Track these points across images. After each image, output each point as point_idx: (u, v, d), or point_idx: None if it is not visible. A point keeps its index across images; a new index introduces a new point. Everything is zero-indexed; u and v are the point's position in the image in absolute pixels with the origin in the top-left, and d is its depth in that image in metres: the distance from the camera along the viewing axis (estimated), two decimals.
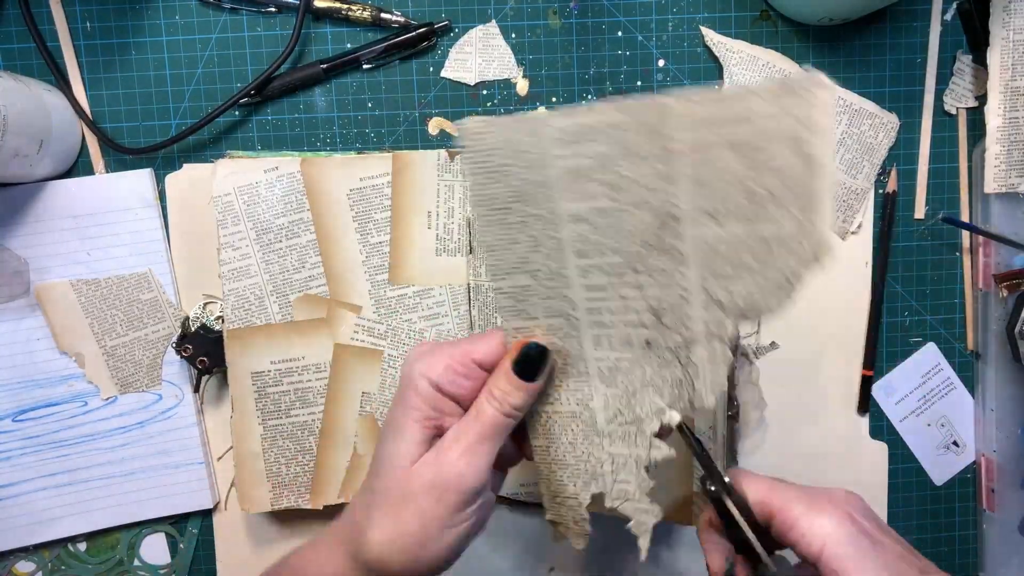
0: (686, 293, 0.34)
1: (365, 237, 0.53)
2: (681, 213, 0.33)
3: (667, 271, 0.34)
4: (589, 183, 0.34)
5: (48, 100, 0.51)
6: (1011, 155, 0.54)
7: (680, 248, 0.34)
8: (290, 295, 0.53)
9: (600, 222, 0.34)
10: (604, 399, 0.38)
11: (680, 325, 0.35)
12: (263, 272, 0.52)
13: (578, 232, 0.35)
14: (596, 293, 0.36)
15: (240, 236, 0.52)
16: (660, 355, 0.36)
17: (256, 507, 0.53)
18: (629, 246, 0.34)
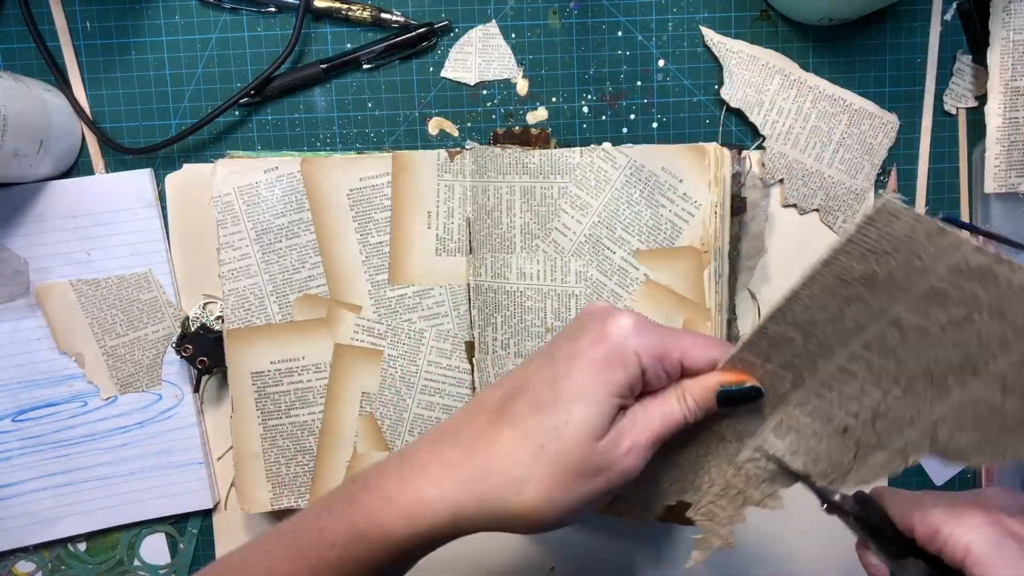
0: (916, 418, 0.34)
1: (365, 237, 0.53)
2: (984, 372, 0.32)
3: (922, 399, 0.33)
4: (938, 310, 0.32)
5: (48, 100, 0.51)
6: (1011, 155, 0.54)
7: (952, 392, 0.33)
8: (290, 295, 0.53)
9: (912, 338, 0.33)
10: (762, 442, 0.38)
11: (886, 434, 0.35)
12: (263, 272, 0.52)
13: (884, 334, 0.34)
14: (843, 376, 0.35)
15: (240, 236, 0.52)
16: (846, 443, 0.36)
17: (256, 507, 0.53)
18: (913, 368, 0.33)
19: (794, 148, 0.55)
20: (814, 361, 0.35)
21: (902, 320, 0.33)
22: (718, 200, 0.50)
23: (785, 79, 0.55)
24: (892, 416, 0.34)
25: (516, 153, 0.52)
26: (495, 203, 0.52)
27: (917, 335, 0.33)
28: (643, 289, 0.50)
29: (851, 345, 0.34)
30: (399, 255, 0.53)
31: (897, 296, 0.32)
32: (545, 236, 0.51)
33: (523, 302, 0.52)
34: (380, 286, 0.53)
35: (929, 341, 0.33)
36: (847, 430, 0.36)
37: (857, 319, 0.34)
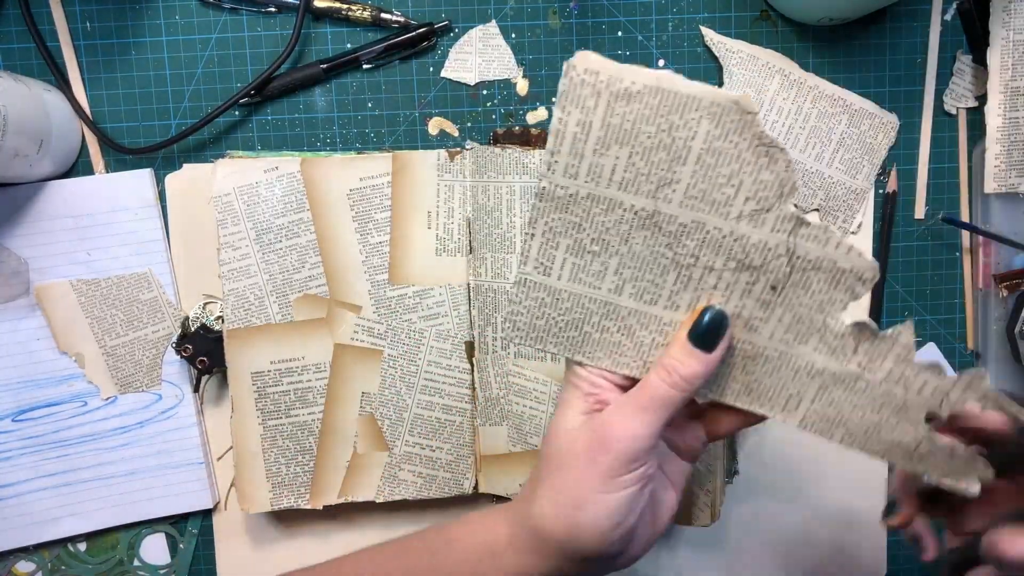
0: (732, 234, 0.34)
1: (365, 237, 0.53)
2: (647, 208, 0.35)
3: (702, 241, 0.35)
4: (589, 268, 0.36)
5: (48, 100, 0.51)
6: (1011, 155, 0.54)
7: (683, 222, 0.34)
8: (290, 295, 0.53)
9: (629, 273, 0.36)
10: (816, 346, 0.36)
11: (767, 254, 0.35)
12: (263, 272, 0.52)
13: (630, 293, 0.36)
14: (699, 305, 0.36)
15: (240, 236, 0.52)
16: (791, 284, 0.35)
17: (256, 507, 0.53)
18: (662, 260, 0.35)
19: (794, 148, 0.55)
20: None
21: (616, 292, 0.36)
22: None
23: (785, 79, 0.55)
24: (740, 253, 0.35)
25: (516, 153, 0.52)
26: (495, 203, 0.52)
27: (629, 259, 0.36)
28: None
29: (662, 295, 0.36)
30: (399, 255, 0.53)
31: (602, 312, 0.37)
32: None
33: None
34: (380, 286, 0.53)
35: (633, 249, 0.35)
36: (775, 288, 0.35)
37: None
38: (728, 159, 0.33)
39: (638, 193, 0.34)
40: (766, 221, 0.34)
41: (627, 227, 0.35)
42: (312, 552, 0.57)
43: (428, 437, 0.54)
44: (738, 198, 0.34)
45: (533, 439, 0.53)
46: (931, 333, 0.58)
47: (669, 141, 0.33)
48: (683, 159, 0.33)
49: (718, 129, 0.33)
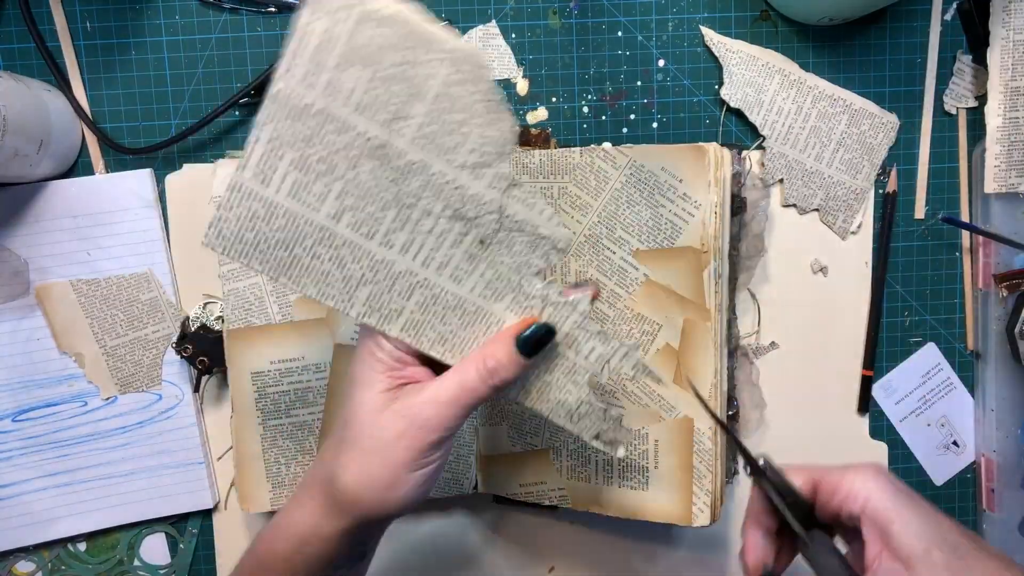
0: (455, 182, 0.36)
1: None
2: (380, 138, 0.35)
3: (427, 183, 0.36)
4: (311, 187, 0.36)
5: (48, 100, 0.51)
6: (1011, 155, 0.54)
7: (412, 158, 0.36)
8: (290, 295, 0.53)
9: (350, 202, 0.36)
10: (510, 305, 0.39)
11: (481, 207, 0.37)
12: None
13: (348, 223, 0.36)
14: (413, 249, 0.37)
15: None
16: (499, 240, 0.37)
17: (256, 507, 0.53)
18: (386, 195, 0.36)
19: (794, 148, 0.55)
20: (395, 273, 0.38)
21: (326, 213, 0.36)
22: (718, 200, 0.50)
23: (785, 79, 0.55)
24: (454, 202, 0.36)
25: (516, 153, 0.52)
26: None
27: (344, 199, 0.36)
28: (643, 289, 0.50)
29: (366, 248, 0.37)
30: None
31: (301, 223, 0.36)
32: None
33: None
34: None
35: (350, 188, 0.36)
36: (483, 241, 0.37)
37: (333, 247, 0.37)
38: (460, 107, 0.35)
39: (373, 120, 0.35)
40: (484, 175, 0.36)
41: (356, 153, 0.35)
42: None
43: None
44: (464, 147, 0.36)
45: (533, 439, 0.53)
46: (931, 333, 0.58)
47: (410, 74, 0.35)
48: (420, 96, 0.35)
49: (456, 75, 0.35)
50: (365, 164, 0.36)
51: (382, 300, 0.38)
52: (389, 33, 0.34)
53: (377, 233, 0.37)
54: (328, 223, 0.36)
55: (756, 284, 0.56)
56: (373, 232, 0.37)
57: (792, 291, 0.57)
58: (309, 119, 0.35)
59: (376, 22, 0.34)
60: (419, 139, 0.35)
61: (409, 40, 0.34)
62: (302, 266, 0.37)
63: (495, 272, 0.38)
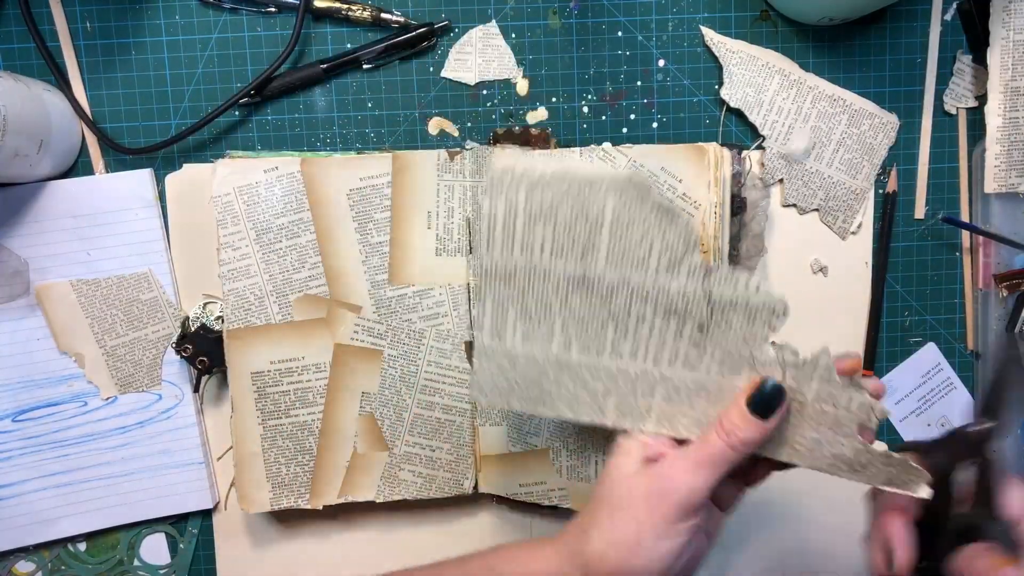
0: (654, 286, 0.40)
1: (365, 237, 0.53)
2: (578, 272, 0.41)
3: (630, 294, 0.40)
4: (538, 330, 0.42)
5: (48, 100, 0.51)
6: (1011, 155, 0.54)
7: (611, 279, 0.40)
8: (290, 295, 0.53)
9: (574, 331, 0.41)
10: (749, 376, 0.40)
11: (687, 300, 0.40)
12: (263, 272, 0.52)
13: (577, 349, 0.42)
14: (640, 353, 0.41)
15: (240, 236, 0.52)
16: (715, 324, 0.40)
17: (256, 507, 0.53)
18: (600, 314, 0.41)
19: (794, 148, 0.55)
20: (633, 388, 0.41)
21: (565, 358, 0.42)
22: (718, 200, 0.50)
23: (785, 79, 0.55)
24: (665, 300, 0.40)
25: (516, 153, 0.52)
26: None
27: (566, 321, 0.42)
28: None
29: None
30: (399, 255, 0.53)
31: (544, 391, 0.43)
32: None
33: None
34: (380, 286, 0.53)
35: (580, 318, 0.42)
36: (701, 326, 0.40)
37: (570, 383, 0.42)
38: (637, 224, 0.39)
39: (568, 260, 0.40)
40: (680, 271, 0.39)
41: (564, 290, 0.41)
42: (312, 552, 0.57)
43: (428, 437, 0.54)
44: (652, 255, 0.39)
45: (532, 439, 0.53)
46: (931, 333, 0.58)
47: (585, 213, 0.40)
48: (600, 227, 0.40)
49: (622, 201, 0.39)
50: (574, 297, 0.41)
51: (629, 403, 0.41)
52: (555, 190, 0.40)
53: (605, 349, 0.41)
54: (562, 354, 0.41)
55: None
56: (602, 349, 0.41)
57: (792, 291, 0.56)
58: (517, 278, 0.41)
59: (542, 186, 0.40)
60: (611, 262, 0.40)
61: (572, 189, 0.40)
62: (552, 395, 0.42)
63: (724, 351, 0.40)
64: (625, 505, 0.37)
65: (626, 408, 0.41)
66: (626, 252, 0.40)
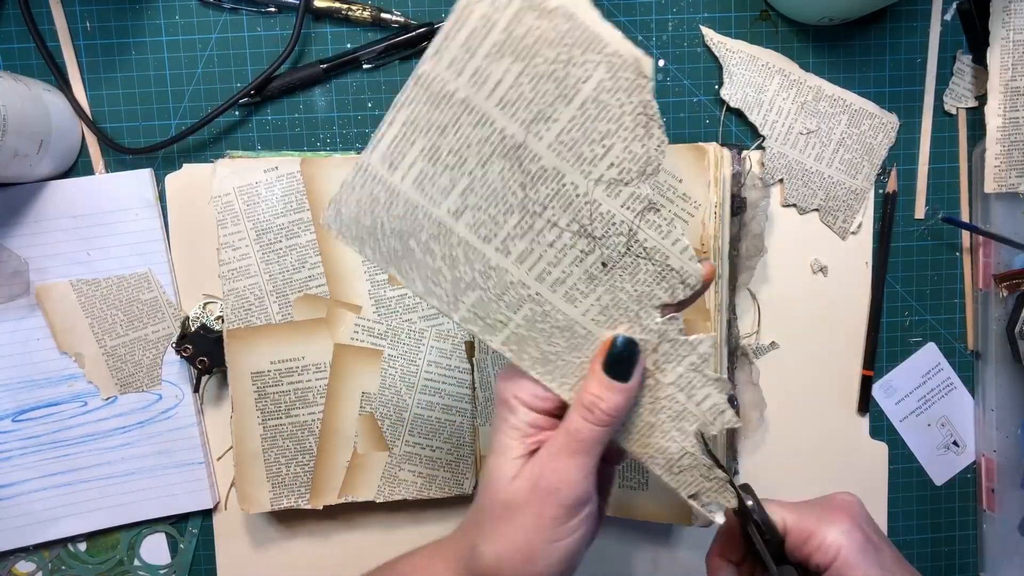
0: (587, 197, 0.34)
1: None
2: (517, 137, 0.33)
3: (557, 192, 0.34)
4: (437, 178, 0.34)
5: (48, 100, 0.51)
6: (1011, 155, 0.54)
7: (546, 164, 0.34)
8: (290, 295, 0.53)
9: (474, 200, 0.34)
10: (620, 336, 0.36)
11: (610, 227, 0.34)
12: (263, 272, 0.52)
13: (467, 223, 0.35)
14: (530, 259, 0.35)
15: (240, 236, 0.52)
16: (622, 265, 0.35)
17: (256, 507, 0.53)
18: (512, 198, 0.34)
19: (794, 148, 0.55)
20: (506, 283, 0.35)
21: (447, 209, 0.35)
22: (718, 200, 0.50)
23: (785, 79, 0.55)
24: (583, 218, 0.34)
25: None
26: None
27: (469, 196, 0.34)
28: None
29: (482, 252, 0.35)
30: None
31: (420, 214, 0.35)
32: None
33: None
34: (380, 286, 0.53)
35: (478, 186, 0.34)
36: (605, 264, 0.35)
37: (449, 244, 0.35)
38: (609, 116, 0.33)
39: (514, 118, 0.33)
40: (620, 194, 0.34)
41: (490, 150, 0.34)
42: (312, 552, 0.57)
43: (428, 437, 0.54)
44: (604, 160, 0.33)
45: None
46: (931, 333, 0.58)
47: (562, 75, 0.32)
48: (568, 99, 0.33)
49: (611, 81, 0.32)
50: (496, 163, 0.34)
51: (489, 308, 0.36)
52: (549, 27, 0.32)
53: (495, 238, 0.35)
54: (447, 219, 0.35)
55: (756, 284, 0.56)
56: (491, 236, 0.35)
57: (792, 291, 0.57)
58: (448, 107, 0.33)
59: (538, 13, 0.32)
60: (558, 145, 0.33)
61: (569, 36, 0.32)
62: (414, 260, 0.35)
63: (613, 298, 0.35)
64: (511, 514, 0.35)
65: (483, 311, 0.36)
66: (578, 143, 0.33)
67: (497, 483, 0.35)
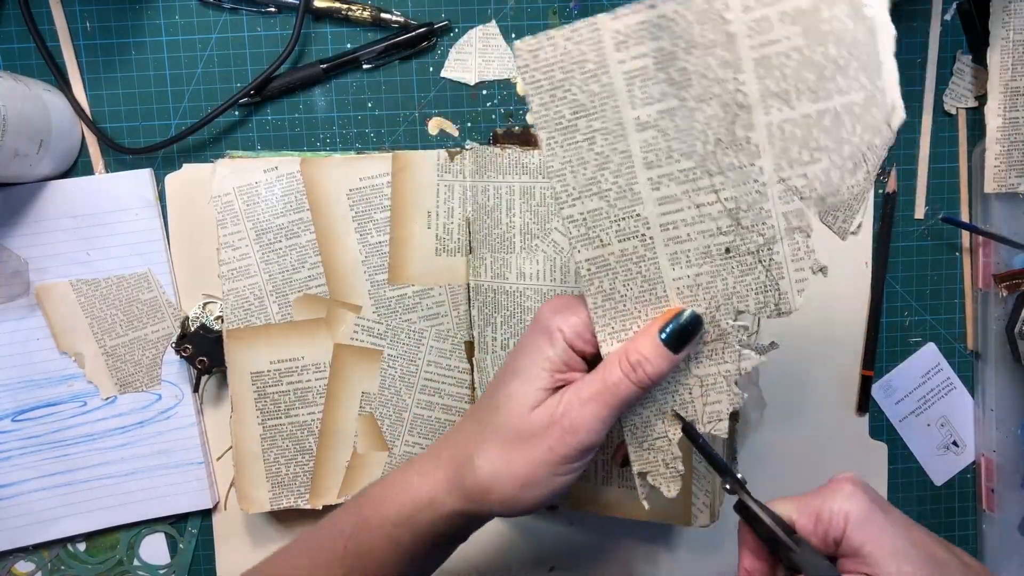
0: (762, 187, 0.33)
1: (365, 237, 0.53)
2: (750, 100, 0.32)
3: (741, 167, 0.33)
4: (653, 84, 0.32)
5: (48, 100, 0.51)
6: (1011, 155, 0.54)
7: (753, 139, 0.33)
8: (290, 295, 0.53)
9: (668, 125, 0.33)
10: None
11: (759, 224, 0.34)
12: (263, 272, 0.52)
13: (646, 140, 0.33)
14: (670, 206, 0.34)
15: (240, 236, 0.52)
16: (741, 261, 0.35)
17: (256, 507, 0.53)
18: (700, 147, 0.33)
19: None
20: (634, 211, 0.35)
21: (643, 118, 0.33)
22: None
23: None
24: (744, 203, 0.34)
25: (516, 153, 0.52)
26: (495, 203, 0.52)
27: (667, 119, 0.33)
28: None
29: (638, 174, 0.34)
30: (399, 255, 0.53)
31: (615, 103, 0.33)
32: (545, 236, 0.51)
33: (522, 302, 0.52)
34: (380, 286, 0.53)
35: (680, 115, 0.33)
36: (729, 250, 0.35)
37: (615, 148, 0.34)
38: (836, 136, 0.32)
39: (761, 81, 0.32)
40: (790, 203, 0.33)
41: (718, 91, 0.32)
42: None
43: (428, 437, 0.54)
44: (802, 168, 0.33)
45: None
46: (931, 333, 0.58)
47: (828, 75, 0.32)
48: (816, 98, 0.32)
49: (861, 110, 0.32)
50: (712, 108, 0.32)
51: (599, 224, 0.35)
52: (849, 29, 0.31)
53: (657, 168, 0.34)
54: (630, 125, 0.33)
55: None
56: (655, 165, 0.34)
57: None
58: (711, 31, 0.32)
59: (851, 9, 0.31)
60: (776, 129, 0.32)
61: (859, 48, 0.31)
62: (571, 138, 0.34)
63: (710, 281, 0.35)
64: (520, 441, 0.35)
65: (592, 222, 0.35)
66: (793, 140, 0.32)
67: (516, 408, 0.36)
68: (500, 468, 0.36)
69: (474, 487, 0.36)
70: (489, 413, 0.37)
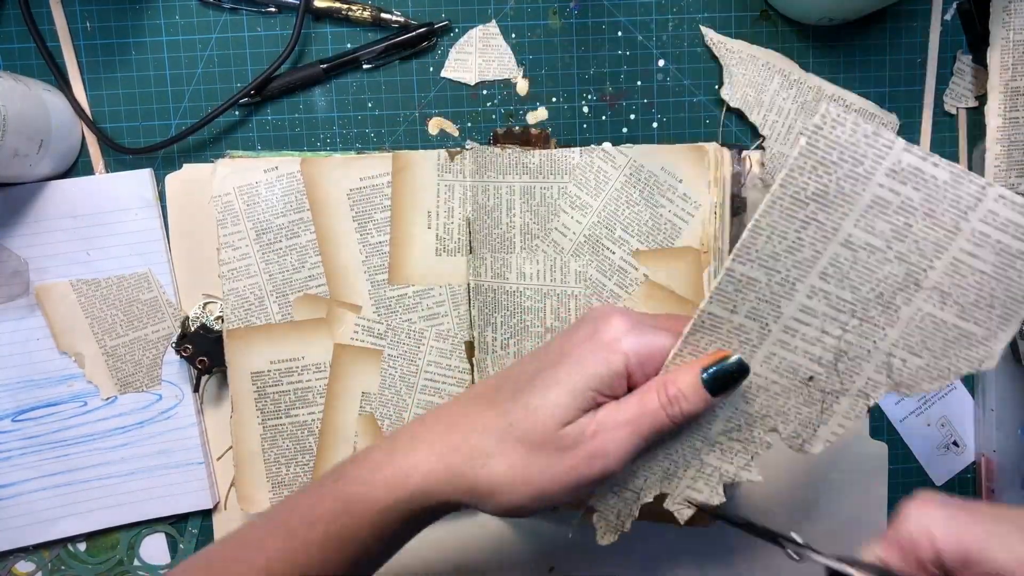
0: (874, 349, 0.36)
1: (365, 237, 0.53)
2: (924, 284, 0.35)
3: (876, 325, 0.36)
4: (883, 219, 0.35)
5: (48, 100, 0.51)
6: (1011, 155, 0.54)
7: (902, 311, 0.36)
8: (290, 295, 0.53)
9: (863, 256, 0.35)
10: (733, 411, 0.38)
11: (848, 374, 0.37)
12: (263, 272, 0.52)
13: (838, 255, 0.35)
14: (805, 316, 0.36)
15: (240, 236, 0.52)
16: (811, 394, 0.37)
17: (256, 507, 0.53)
18: (866, 290, 0.36)
19: (794, 149, 0.55)
20: (778, 303, 0.36)
21: (852, 238, 0.35)
22: (718, 200, 0.50)
23: (785, 79, 0.55)
24: (852, 353, 0.36)
25: (516, 153, 0.52)
26: (495, 203, 0.52)
27: (867, 253, 0.35)
28: (643, 289, 0.50)
29: (809, 277, 0.36)
30: (399, 255, 0.53)
31: (846, 210, 0.35)
32: (545, 236, 0.51)
33: (523, 302, 0.52)
34: (380, 286, 0.53)
35: (876, 257, 0.35)
36: (812, 379, 0.37)
37: (813, 244, 0.35)
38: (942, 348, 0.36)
39: (945, 275, 0.35)
40: (879, 373, 0.36)
41: (914, 260, 0.35)
42: None
43: None
44: (908, 355, 0.36)
45: None
46: None
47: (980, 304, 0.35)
48: (960, 318, 0.36)
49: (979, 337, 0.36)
50: (898, 267, 0.35)
51: (743, 294, 0.36)
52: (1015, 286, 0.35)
53: (823, 282, 0.36)
54: (840, 236, 0.35)
55: None
56: (825, 278, 0.36)
57: None
58: (949, 214, 0.34)
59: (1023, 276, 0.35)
60: (918, 316, 0.36)
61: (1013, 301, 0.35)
62: (792, 212, 0.35)
63: (776, 393, 0.37)
64: (544, 454, 0.34)
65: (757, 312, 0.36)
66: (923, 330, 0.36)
67: (549, 420, 0.34)
68: (517, 475, 0.34)
69: (482, 485, 0.35)
70: (516, 411, 0.35)
